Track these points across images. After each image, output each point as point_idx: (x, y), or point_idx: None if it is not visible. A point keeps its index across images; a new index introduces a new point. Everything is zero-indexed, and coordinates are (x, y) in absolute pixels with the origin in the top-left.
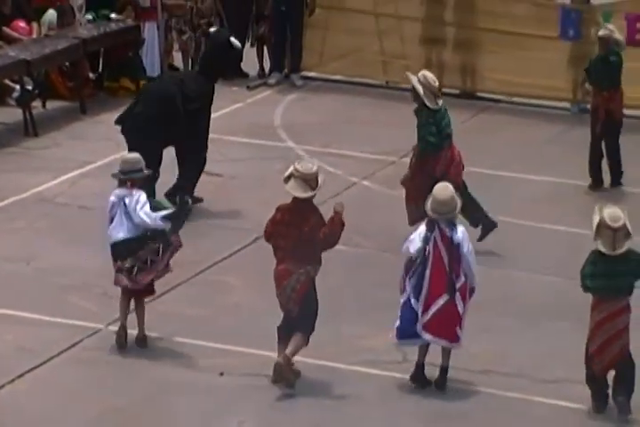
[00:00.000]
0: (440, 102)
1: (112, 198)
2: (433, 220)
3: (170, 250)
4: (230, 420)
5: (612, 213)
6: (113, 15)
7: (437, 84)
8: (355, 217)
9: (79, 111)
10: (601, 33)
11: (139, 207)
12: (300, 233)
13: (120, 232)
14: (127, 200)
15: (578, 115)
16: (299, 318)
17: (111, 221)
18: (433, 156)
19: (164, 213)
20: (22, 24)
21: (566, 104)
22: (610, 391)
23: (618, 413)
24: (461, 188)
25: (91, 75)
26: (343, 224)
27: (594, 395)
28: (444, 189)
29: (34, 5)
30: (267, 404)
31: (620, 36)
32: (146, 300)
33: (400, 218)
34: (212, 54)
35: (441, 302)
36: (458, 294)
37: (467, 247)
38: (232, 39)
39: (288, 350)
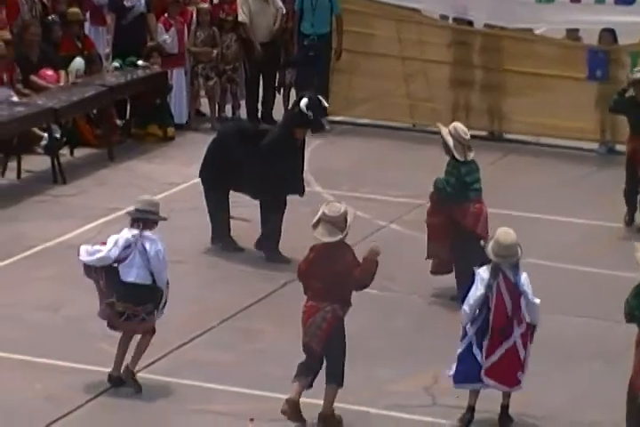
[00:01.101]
0: (471, 155)
1: (129, 237)
2: (497, 265)
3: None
4: None
5: None
6: (140, 62)
7: (468, 136)
8: (383, 261)
9: (107, 158)
10: (638, 76)
11: (161, 256)
12: (333, 273)
13: (130, 274)
14: (147, 245)
15: (605, 156)
16: (329, 362)
17: (123, 259)
18: (457, 205)
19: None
20: (50, 72)
21: (594, 145)
22: None
23: None
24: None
25: (118, 122)
26: (377, 263)
27: None
28: (507, 234)
29: (61, 53)
30: None
31: None
32: (174, 346)
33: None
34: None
35: (503, 348)
36: (520, 340)
37: (530, 293)
38: (302, 104)
39: (325, 405)
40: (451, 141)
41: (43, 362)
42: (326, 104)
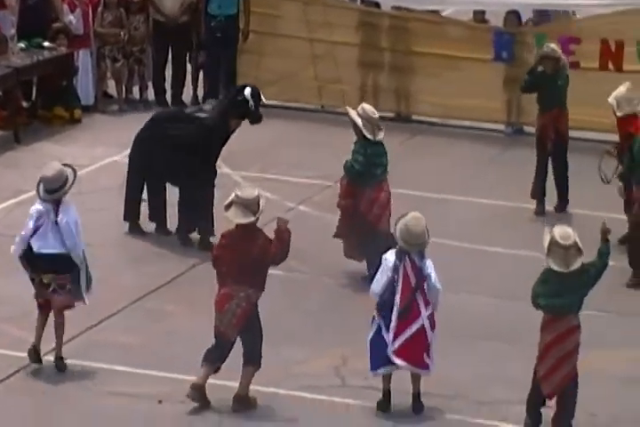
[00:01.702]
0: (380, 135)
1: (40, 208)
2: (403, 250)
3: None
4: None
5: (562, 231)
6: (46, 43)
7: (377, 115)
8: (292, 242)
9: (13, 140)
10: (548, 51)
11: (74, 227)
12: (247, 256)
13: (44, 246)
14: (60, 215)
15: (512, 136)
16: (246, 346)
17: (34, 230)
18: (360, 189)
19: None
20: None
21: (500, 126)
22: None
23: None
24: (381, 232)
25: (24, 103)
26: (289, 233)
27: (530, 414)
28: (417, 220)
29: None
30: None
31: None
32: (83, 328)
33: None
34: (225, 102)
35: (411, 329)
36: (427, 322)
37: (434, 278)
38: (246, 93)
39: (241, 387)
40: (359, 121)
41: None
42: (264, 98)
